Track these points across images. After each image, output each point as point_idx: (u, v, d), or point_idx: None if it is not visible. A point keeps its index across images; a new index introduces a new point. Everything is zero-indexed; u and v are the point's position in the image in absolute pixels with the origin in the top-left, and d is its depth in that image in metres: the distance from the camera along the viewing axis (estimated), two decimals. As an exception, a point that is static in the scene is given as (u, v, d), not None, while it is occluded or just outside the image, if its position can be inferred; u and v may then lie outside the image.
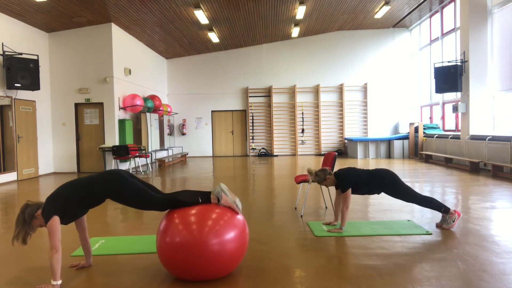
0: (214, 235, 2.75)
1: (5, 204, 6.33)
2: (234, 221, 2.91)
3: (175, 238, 2.75)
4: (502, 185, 7.05)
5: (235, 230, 2.86)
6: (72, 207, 2.91)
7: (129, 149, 10.05)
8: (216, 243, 2.74)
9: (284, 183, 7.86)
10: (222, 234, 2.78)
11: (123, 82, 11.37)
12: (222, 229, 2.79)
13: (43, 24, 10.11)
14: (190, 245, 2.71)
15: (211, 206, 2.94)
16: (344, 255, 3.43)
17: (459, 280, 2.83)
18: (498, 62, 9.51)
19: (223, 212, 2.91)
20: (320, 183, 4.28)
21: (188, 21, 11.42)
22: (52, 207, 2.84)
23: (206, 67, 15.92)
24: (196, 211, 2.88)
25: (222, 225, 2.82)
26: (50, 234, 2.76)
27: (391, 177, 4.19)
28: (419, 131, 12.74)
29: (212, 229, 2.77)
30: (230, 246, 2.80)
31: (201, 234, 2.73)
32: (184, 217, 2.85)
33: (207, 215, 2.86)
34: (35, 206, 2.89)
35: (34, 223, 2.88)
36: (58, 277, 2.73)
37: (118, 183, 2.93)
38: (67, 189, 2.94)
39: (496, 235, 3.94)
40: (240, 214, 3.04)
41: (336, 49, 15.53)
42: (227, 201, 2.96)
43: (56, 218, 2.81)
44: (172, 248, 2.76)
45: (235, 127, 16.16)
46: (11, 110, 9.11)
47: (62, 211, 2.86)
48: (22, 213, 2.86)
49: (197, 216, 2.84)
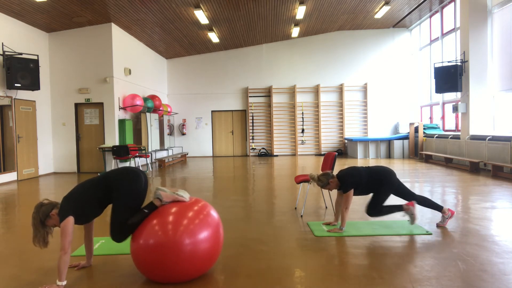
0: (188, 235, 2.74)
1: (5, 204, 6.33)
2: (209, 219, 2.91)
3: (148, 240, 2.74)
4: (502, 185, 7.05)
5: (209, 229, 2.86)
6: (88, 206, 2.90)
7: (129, 149, 10.05)
8: (189, 243, 2.73)
9: (284, 183, 7.86)
10: (196, 233, 2.77)
11: (123, 82, 11.37)
12: (196, 229, 2.79)
13: (43, 24, 10.11)
14: (164, 246, 2.70)
15: (182, 206, 2.91)
16: (344, 255, 3.43)
17: (459, 280, 2.84)
18: (498, 62, 9.51)
19: (199, 211, 2.92)
20: (323, 187, 4.20)
21: (188, 21, 11.42)
22: (69, 206, 2.83)
23: (206, 67, 15.92)
24: (169, 211, 2.87)
25: (197, 224, 2.81)
26: (62, 235, 2.75)
27: (389, 174, 4.19)
28: (419, 131, 12.74)
29: (187, 228, 2.76)
30: (203, 246, 2.79)
31: (175, 234, 2.72)
32: (157, 221, 2.83)
33: (183, 214, 2.85)
34: (49, 205, 2.87)
35: (48, 222, 2.86)
36: (64, 278, 2.74)
37: (131, 182, 2.92)
38: (84, 188, 2.93)
39: (496, 235, 3.94)
40: (213, 211, 3.04)
41: (336, 49, 15.53)
42: (167, 196, 2.96)
43: (71, 218, 2.79)
44: (146, 250, 2.75)
45: (235, 127, 16.16)
46: (11, 110, 9.11)
47: (79, 211, 2.85)
48: (37, 212, 2.84)
49: (173, 216, 2.83)
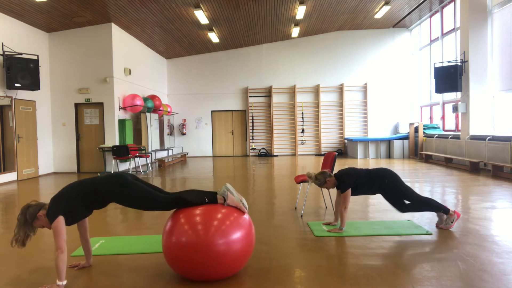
0: (220, 235, 2.74)
1: (5, 204, 6.33)
2: (240, 221, 2.90)
3: (181, 238, 2.75)
4: (502, 185, 7.05)
5: (241, 230, 2.86)
6: (76, 208, 2.90)
7: (129, 149, 10.05)
8: (222, 243, 2.73)
9: (284, 183, 7.86)
10: (228, 234, 2.77)
11: (123, 82, 11.37)
12: (228, 229, 2.78)
13: (43, 24, 10.10)
14: (196, 245, 2.71)
15: (216, 206, 2.93)
16: (344, 255, 3.43)
17: (459, 280, 2.84)
18: (498, 62, 9.51)
19: (229, 212, 2.90)
20: (321, 186, 4.24)
21: (188, 21, 11.42)
22: (57, 207, 2.82)
23: (206, 67, 15.92)
24: (201, 211, 2.87)
25: (228, 225, 2.81)
26: (56, 235, 2.74)
27: (391, 176, 4.17)
28: (419, 131, 12.74)
29: (218, 229, 2.76)
30: (236, 246, 2.78)
31: (207, 234, 2.72)
32: (190, 217, 2.84)
33: (213, 215, 2.85)
34: (37, 207, 2.87)
35: (36, 223, 2.85)
36: (63, 277, 2.73)
37: (123, 186, 2.92)
38: (72, 189, 2.93)
39: (496, 235, 3.94)
40: (247, 214, 3.03)
41: (336, 49, 15.53)
42: (233, 201, 2.95)
43: (61, 218, 2.79)
44: (178, 248, 2.75)
45: (235, 127, 16.16)
46: (11, 110, 9.11)
47: (67, 212, 2.85)
48: (23, 213, 2.83)
49: (203, 216, 2.83)
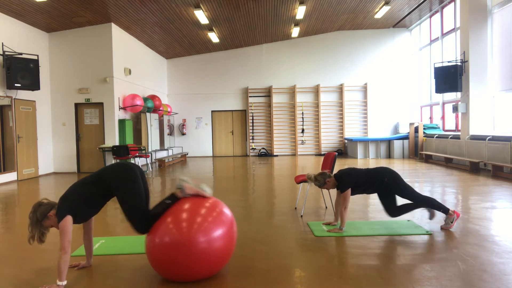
0: (202, 233, 2.73)
1: (5, 204, 6.33)
2: (222, 217, 2.90)
3: (164, 238, 2.74)
4: (502, 185, 7.05)
5: (223, 227, 2.85)
6: (86, 205, 2.90)
7: (129, 149, 10.05)
8: (204, 241, 2.72)
9: (284, 183, 7.86)
10: (210, 231, 2.76)
11: (123, 82, 11.37)
12: (211, 226, 2.78)
13: (43, 24, 10.10)
14: (179, 244, 2.69)
15: (198, 202, 2.91)
16: (344, 255, 3.43)
17: (459, 280, 2.84)
18: (498, 62, 9.51)
19: (211, 207, 2.90)
20: (321, 187, 4.24)
21: (188, 21, 11.42)
22: (66, 206, 2.81)
23: (206, 67, 15.92)
24: (184, 208, 2.86)
25: (211, 221, 2.80)
26: (61, 235, 2.73)
27: (391, 175, 4.17)
28: (419, 131, 12.74)
29: (201, 226, 2.75)
30: (218, 244, 2.78)
31: (190, 232, 2.71)
32: (174, 216, 2.83)
33: (196, 211, 2.84)
34: (48, 206, 2.85)
35: (45, 223, 2.83)
36: (64, 277, 2.73)
37: (127, 170, 2.91)
38: (79, 187, 2.92)
39: (496, 235, 3.94)
40: (227, 208, 3.03)
41: (336, 49, 15.53)
42: (191, 188, 2.94)
43: (69, 218, 2.78)
44: (161, 248, 2.74)
45: (235, 127, 16.16)
46: (11, 110, 9.11)
47: (76, 210, 2.84)
48: (34, 212, 2.81)
49: (187, 213, 2.83)
